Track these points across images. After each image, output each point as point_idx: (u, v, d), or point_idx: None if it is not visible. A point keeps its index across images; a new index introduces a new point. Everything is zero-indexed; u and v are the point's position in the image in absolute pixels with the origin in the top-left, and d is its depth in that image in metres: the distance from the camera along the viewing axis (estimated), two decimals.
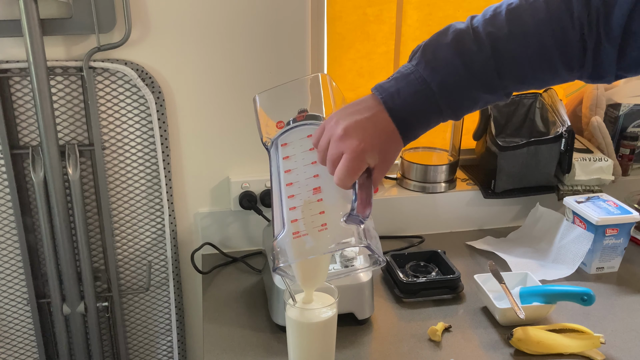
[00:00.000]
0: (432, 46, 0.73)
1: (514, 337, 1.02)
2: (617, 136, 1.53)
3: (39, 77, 1.13)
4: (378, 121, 0.72)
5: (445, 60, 0.71)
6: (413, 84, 0.72)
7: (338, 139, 0.72)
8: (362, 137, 0.71)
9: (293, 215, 0.76)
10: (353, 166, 0.71)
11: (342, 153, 0.72)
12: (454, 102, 0.73)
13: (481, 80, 0.72)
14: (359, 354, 1.03)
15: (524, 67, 0.72)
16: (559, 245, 1.31)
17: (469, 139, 1.51)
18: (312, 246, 0.73)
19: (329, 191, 0.76)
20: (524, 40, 0.71)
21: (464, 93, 0.72)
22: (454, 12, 1.45)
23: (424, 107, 0.73)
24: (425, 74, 0.71)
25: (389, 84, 0.73)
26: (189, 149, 1.31)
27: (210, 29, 1.22)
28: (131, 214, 1.34)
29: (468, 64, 0.71)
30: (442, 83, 0.71)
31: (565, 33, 0.70)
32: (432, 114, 0.73)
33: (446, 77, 0.71)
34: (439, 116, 0.74)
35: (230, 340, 1.07)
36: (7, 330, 1.38)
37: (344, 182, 0.72)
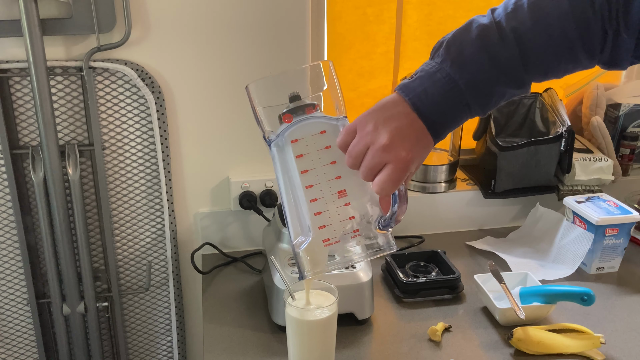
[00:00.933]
0: (457, 42, 0.72)
1: (514, 337, 1.02)
2: (617, 136, 1.53)
3: (39, 77, 1.13)
4: (415, 128, 0.71)
5: (471, 57, 0.70)
6: (440, 83, 0.70)
7: (382, 149, 0.69)
8: (409, 147, 0.70)
9: (320, 221, 0.73)
10: (400, 177, 0.70)
11: (385, 163, 0.70)
12: (482, 99, 0.72)
13: (508, 75, 0.71)
14: (359, 354, 1.03)
15: (549, 59, 0.72)
16: (559, 245, 1.31)
17: (469, 139, 1.51)
18: (347, 254, 0.71)
19: (354, 194, 0.74)
20: (548, 33, 0.70)
21: (491, 89, 0.72)
22: (454, 12, 1.45)
23: (454, 106, 0.71)
24: (452, 72, 0.70)
25: (415, 84, 0.72)
26: (189, 149, 1.31)
27: (210, 29, 1.22)
28: (131, 214, 1.34)
29: (494, 60, 0.70)
30: (470, 81, 0.70)
31: (588, 24, 0.70)
32: (461, 112, 0.72)
33: (474, 74, 0.70)
34: (467, 114, 0.73)
35: (230, 340, 1.07)
36: (7, 330, 1.38)
37: (388, 192, 0.71)
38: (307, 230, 0.73)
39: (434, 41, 1.53)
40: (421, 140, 0.71)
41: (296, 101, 0.75)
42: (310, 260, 0.73)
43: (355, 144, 0.71)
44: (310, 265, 0.73)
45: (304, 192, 0.73)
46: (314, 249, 0.72)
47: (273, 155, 0.76)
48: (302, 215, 0.73)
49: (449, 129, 0.74)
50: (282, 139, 0.75)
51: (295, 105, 0.75)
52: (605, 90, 1.52)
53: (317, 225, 0.72)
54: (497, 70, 0.71)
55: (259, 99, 0.76)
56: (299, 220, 0.74)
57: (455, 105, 0.71)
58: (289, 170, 0.75)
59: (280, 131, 0.76)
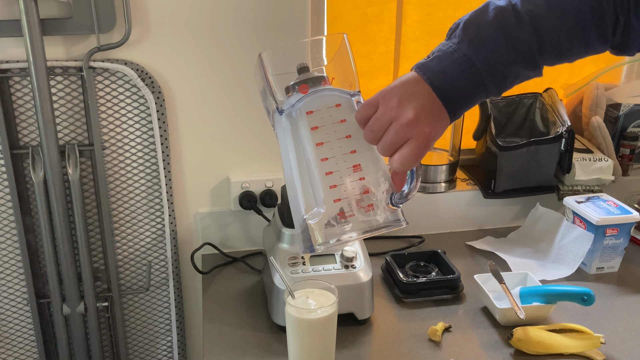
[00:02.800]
0: (474, 24, 0.73)
1: (514, 337, 1.02)
2: (617, 136, 1.53)
3: (39, 77, 1.13)
4: (436, 105, 0.72)
5: (488, 38, 0.72)
6: (458, 63, 0.72)
7: (407, 124, 0.70)
8: (432, 124, 0.71)
9: (335, 194, 0.71)
10: (422, 153, 0.71)
11: (408, 138, 0.70)
12: (499, 79, 0.73)
13: (524, 56, 0.73)
14: (359, 354, 1.03)
15: (562, 42, 0.73)
16: (559, 245, 1.31)
17: (469, 139, 1.51)
18: (363, 227, 0.70)
19: (369, 169, 0.72)
20: (562, 16, 0.72)
21: (507, 69, 0.73)
22: (454, 12, 1.45)
23: (471, 85, 0.73)
24: (469, 52, 0.72)
25: (432, 63, 0.73)
26: (189, 149, 1.31)
27: (210, 29, 1.22)
28: (131, 214, 1.34)
29: (511, 41, 0.72)
30: (487, 60, 0.72)
31: (601, 8, 0.71)
32: (477, 91, 0.73)
33: (491, 54, 0.72)
34: (483, 93, 0.74)
35: (230, 340, 1.07)
36: (7, 330, 1.38)
37: (408, 167, 0.71)
38: (320, 203, 0.71)
39: (434, 41, 1.54)
40: (441, 118, 0.72)
41: (305, 72, 0.74)
42: (321, 234, 0.71)
43: (379, 118, 0.71)
44: (321, 238, 0.71)
45: (319, 165, 0.71)
46: (327, 221, 0.71)
47: (284, 126, 0.74)
48: (315, 188, 0.71)
49: (465, 108, 0.75)
50: (296, 110, 0.73)
51: (307, 77, 0.73)
52: (605, 90, 1.52)
53: (333, 198, 0.71)
54: (514, 50, 0.72)
55: (272, 68, 0.74)
56: (312, 193, 0.72)
57: (472, 84, 0.72)
58: (302, 142, 0.72)
59: (295, 102, 0.73)
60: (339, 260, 1.08)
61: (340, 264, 1.07)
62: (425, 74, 0.72)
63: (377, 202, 0.72)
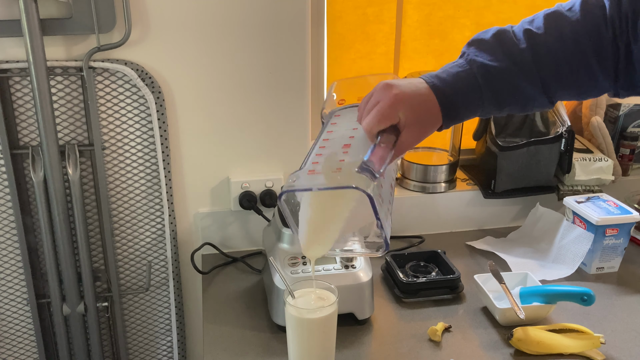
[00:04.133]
0: (476, 40, 0.80)
1: (514, 337, 1.02)
2: (617, 136, 1.53)
3: (39, 77, 1.13)
4: (421, 90, 0.77)
5: (487, 47, 0.78)
6: (456, 66, 0.79)
7: (380, 89, 0.77)
8: (401, 89, 0.76)
9: (316, 159, 0.80)
10: (384, 112, 0.75)
11: (378, 102, 0.76)
12: (493, 84, 0.77)
13: (520, 67, 0.77)
14: (359, 354, 1.03)
15: (564, 66, 0.77)
16: (559, 245, 1.31)
17: (469, 139, 1.51)
18: (322, 182, 0.75)
19: (356, 150, 0.79)
20: (560, 36, 0.76)
21: (503, 77, 0.77)
22: (454, 12, 1.45)
23: (466, 86, 0.77)
24: (468, 59, 0.78)
25: (435, 72, 0.80)
26: (189, 149, 1.31)
27: (210, 28, 1.22)
28: (131, 214, 1.34)
29: (507, 52, 0.77)
30: (483, 64, 0.77)
31: (599, 32, 0.75)
32: (473, 95, 0.77)
33: (487, 60, 0.77)
34: (479, 98, 0.77)
35: (230, 340, 1.07)
36: (7, 330, 1.38)
37: (371, 126, 0.76)
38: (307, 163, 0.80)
39: (434, 41, 1.54)
40: (423, 100, 0.76)
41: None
42: (291, 179, 0.78)
43: (369, 100, 0.79)
44: (290, 182, 0.78)
45: (320, 143, 0.84)
46: (299, 174, 0.78)
47: (327, 122, 0.91)
48: (309, 158, 0.82)
49: (461, 110, 0.78)
50: (330, 115, 0.92)
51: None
52: None
53: (312, 161, 0.80)
54: (510, 60, 0.77)
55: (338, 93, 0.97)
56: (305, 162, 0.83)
57: (466, 83, 0.77)
58: (324, 130, 0.87)
59: (332, 110, 0.93)
60: (339, 260, 1.08)
61: (340, 264, 1.07)
62: (424, 76, 0.78)
63: (347, 168, 0.75)
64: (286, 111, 1.32)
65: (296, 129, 1.34)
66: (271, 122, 1.32)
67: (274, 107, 1.31)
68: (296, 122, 1.33)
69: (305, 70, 1.29)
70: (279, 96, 1.30)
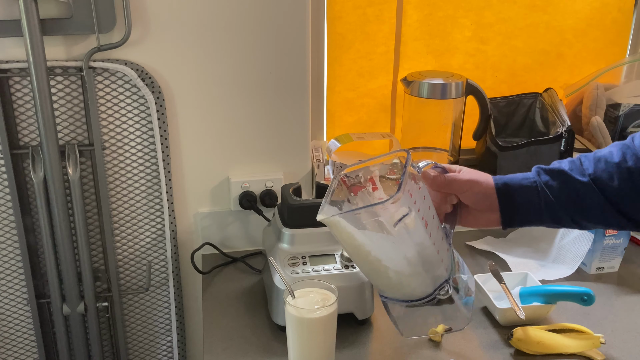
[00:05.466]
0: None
1: (514, 337, 1.02)
2: (617, 136, 1.52)
3: (39, 77, 1.13)
4: (488, 189, 0.87)
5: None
6: (523, 174, 0.89)
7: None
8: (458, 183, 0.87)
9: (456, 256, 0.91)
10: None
11: None
12: (555, 205, 0.85)
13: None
14: (359, 354, 1.03)
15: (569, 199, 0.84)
16: (559, 245, 1.31)
17: (469, 139, 1.51)
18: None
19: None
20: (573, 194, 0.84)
21: (562, 209, 0.85)
22: (454, 12, 1.45)
23: (528, 191, 0.85)
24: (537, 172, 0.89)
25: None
26: (189, 149, 1.31)
27: (210, 28, 1.22)
28: (131, 214, 1.34)
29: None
30: (549, 185, 0.86)
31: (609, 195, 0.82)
32: (533, 198, 0.85)
33: (549, 187, 0.86)
34: (537, 201, 0.85)
35: (230, 341, 1.07)
36: (7, 330, 1.38)
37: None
38: (457, 265, 0.92)
39: (434, 41, 1.54)
40: (486, 200, 0.86)
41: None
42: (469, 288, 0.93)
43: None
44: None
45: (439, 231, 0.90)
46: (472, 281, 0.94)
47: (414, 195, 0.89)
48: (452, 251, 0.92)
49: (518, 209, 0.86)
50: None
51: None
52: (605, 90, 1.52)
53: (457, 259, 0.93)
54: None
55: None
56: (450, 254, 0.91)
57: (530, 191, 0.85)
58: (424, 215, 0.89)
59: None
60: (339, 260, 1.08)
61: (340, 264, 1.07)
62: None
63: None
64: (286, 111, 1.32)
65: (296, 129, 1.34)
66: (271, 122, 1.32)
67: (274, 107, 1.31)
68: (296, 122, 1.33)
69: (305, 70, 1.29)
70: (279, 96, 1.30)
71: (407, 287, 0.85)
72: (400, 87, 1.47)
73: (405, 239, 0.80)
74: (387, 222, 0.78)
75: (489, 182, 0.86)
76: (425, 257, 0.83)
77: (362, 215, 0.79)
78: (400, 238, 0.80)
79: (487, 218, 0.87)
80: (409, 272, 0.83)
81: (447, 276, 0.86)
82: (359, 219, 0.80)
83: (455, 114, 1.45)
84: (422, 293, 0.85)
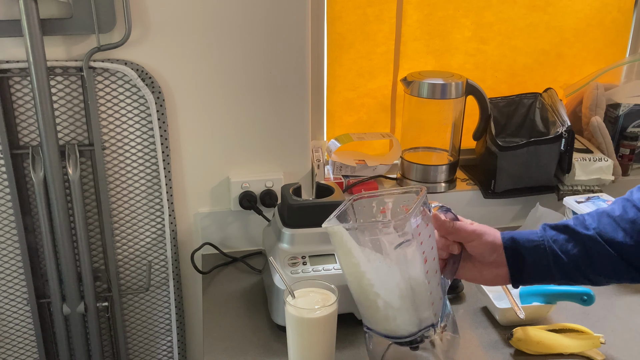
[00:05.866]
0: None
1: (514, 337, 1.02)
2: (617, 136, 1.52)
3: (39, 77, 1.13)
4: (496, 244, 0.86)
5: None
6: (532, 231, 0.86)
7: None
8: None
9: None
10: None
11: None
12: (563, 266, 0.84)
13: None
14: (359, 354, 1.03)
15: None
16: None
17: (469, 139, 1.51)
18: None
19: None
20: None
21: (571, 270, 0.84)
22: (454, 12, 1.45)
23: (536, 248, 0.84)
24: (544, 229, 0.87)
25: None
26: (189, 149, 1.31)
27: (210, 28, 1.22)
28: (131, 214, 1.34)
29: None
30: (557, 243, 0.85)
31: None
32: (542, 255, 0.84)
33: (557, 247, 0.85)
34: (545, 258, 0.84)
35: (230, 341, 1.07)
36: (7, 330, 1.38)
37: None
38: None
39: (434, 41, 1.54)
40: (493, 253, 0.85)
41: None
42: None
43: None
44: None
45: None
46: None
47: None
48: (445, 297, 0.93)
49: (527, 268, 0.84)
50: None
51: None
52: (605, 90, 1.52)
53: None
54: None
55: None
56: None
57: (539, 250, 0.84)
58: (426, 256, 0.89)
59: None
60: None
61: None
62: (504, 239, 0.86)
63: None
64: (286, 111, 1.32)
65: (296, 129, 1.34)
66: (271, 122, 1.32)
67: (274, 107, 1.31)
68: (296, 122, 1.33)
69: (305, 70, 1.29)
70: (279, 96, 1.30)
71: (392, 322, 0.85)
72: (400, 87, 1.47)
73: (402, 267, 0.81)
74: (388, 242, 0.79)
75: (496, 236, 0.86)
76: (417, 293, 0.83)
77: (365, 231, 0.80)
78: (397, 264, 0.80)
79: (495, 273, 0.86)
80: (398, 305, 0.83)
81: (434, 321, 0.86)
82: (361, 235, 0.80)
83: (455, 114, 1.45)
84: (405, 331, 0.85)
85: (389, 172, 1.52)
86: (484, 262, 0.86)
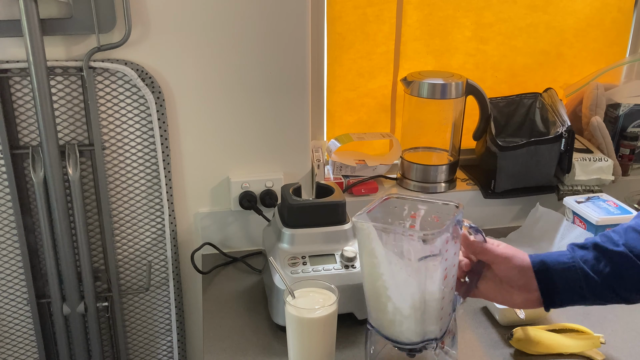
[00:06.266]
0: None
1: (514, 337, 1.02)
2: (617, 136, 1.53)
3: (39, 77, 1.13)
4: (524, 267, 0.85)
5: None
6: (561, 252, 0.86)
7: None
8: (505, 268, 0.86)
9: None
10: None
11: None
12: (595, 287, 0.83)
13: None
14: (359, 354, 1.03)
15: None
16: (559, 245, 1.31)
17: (469, 139, 1.51)
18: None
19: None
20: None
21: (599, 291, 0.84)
22: (454, 12, 1.45)
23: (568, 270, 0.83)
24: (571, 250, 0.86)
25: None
26: (189, 149, 1.31)
27: (210, 29, 1.22)
28: (131, 214, 1.34)
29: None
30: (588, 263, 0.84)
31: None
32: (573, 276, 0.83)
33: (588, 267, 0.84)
34: (578, 280, 0.83)
35: (230, 341, 1.07)
36: (7, 330, 1.38)
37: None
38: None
39: (434, 41, 1.54)
40: (522, 277, 0.84)
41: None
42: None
43: None
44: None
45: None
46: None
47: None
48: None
49: (559, 290, 0.84)
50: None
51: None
52: (605, 90, 1.52)
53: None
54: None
55: None
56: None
57: (570, 271, 0.83)
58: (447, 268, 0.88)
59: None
60: (339, 260, 1.08)
61: (340, 264, 1.07)
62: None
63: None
64: (286, 111, 1.32)
65: (296, 129, 1.34)
66: (271, 122, 1.32)
67: (274, 107, 1.31)
68: (296, 122, 1.33)
69: (305, 70, 1.29)
70: (279, 96, 1.30)
71: (397, 327, 0.84)
72: (400, 87, 1.47)
73: (420, 279, 0.80)
74: (413, 252, 0.79)
75: (524, 259, 0.85)
76: (429, 307, 0.82)
77: (394, 235, 0.80)
78: (417, 275, 0.80)
79: (525, 297, 0.85)
80: (407, 313, 0.83)
81: (438, 335, 0.86)
82: (388, 237, 0.80)
83: (455, 114, 1.45)
84: (407, 339, 0.85)
85: (389, 172, 1.52)
86: (513, 285, 0.85)
